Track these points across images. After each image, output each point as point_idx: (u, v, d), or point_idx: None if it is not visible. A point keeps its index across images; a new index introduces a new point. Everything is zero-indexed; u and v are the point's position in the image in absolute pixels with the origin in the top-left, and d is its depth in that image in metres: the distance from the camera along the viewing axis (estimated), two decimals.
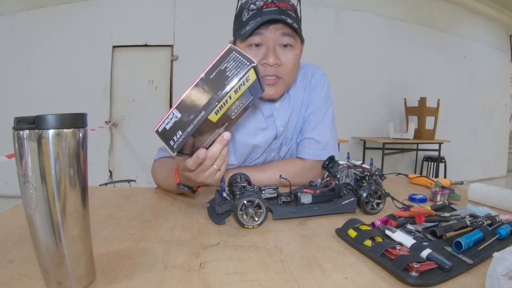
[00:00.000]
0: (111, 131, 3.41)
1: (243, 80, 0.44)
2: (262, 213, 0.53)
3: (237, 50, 0.45)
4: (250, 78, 0.44)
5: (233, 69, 0.44)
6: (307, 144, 0.86)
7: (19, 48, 3.22)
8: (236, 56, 0.44)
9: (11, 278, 0.36)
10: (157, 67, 3.40)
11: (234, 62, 0.44)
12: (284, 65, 0.75)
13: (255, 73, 0.45)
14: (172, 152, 0.46)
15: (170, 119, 0.45)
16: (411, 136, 3.56)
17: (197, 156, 0.50)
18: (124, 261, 0.41)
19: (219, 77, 0.44)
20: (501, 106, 4.98)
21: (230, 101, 0.45)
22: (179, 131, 0.44)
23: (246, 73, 0.43)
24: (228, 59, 0.44)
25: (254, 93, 0.49)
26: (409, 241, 0.42)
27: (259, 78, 0.47)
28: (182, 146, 0.45)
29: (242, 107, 0.49)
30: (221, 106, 0.44)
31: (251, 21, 0.71)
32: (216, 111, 0.44)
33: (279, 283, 0.36)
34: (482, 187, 0.68)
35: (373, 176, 0.65)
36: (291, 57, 0.75)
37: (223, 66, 0.44)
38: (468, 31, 4.52)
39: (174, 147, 0.45)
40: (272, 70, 0.74)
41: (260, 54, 0.73)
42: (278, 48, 0.74)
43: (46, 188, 0.31)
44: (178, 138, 0.45)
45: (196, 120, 0.44)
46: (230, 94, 0.44)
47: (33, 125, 0.30)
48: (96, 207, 0.63)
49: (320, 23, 3.67)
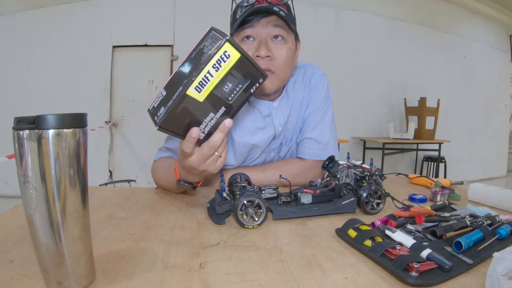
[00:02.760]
0: (111, 131, 3.41)
1: (219, 54, 0.44)
2: (262, 213, 0.53)
3: (217, 30, 0.45)
4: (230, 55, 0.44)
5: (208, 46, 0.44)
6: (307, 144, 0.86)
7: (19, 48, 3.22)
8: (213, 34, 0.45)
9: (11, 278, 0.36)
10: (157, 67, 3.40)
11: (210, 40, 0.45)
12: (277, 59, 0.74)
13: (236, 49, 0.44)
14: (156, 125, 0.47)
15: (158, 98, 0.47)
16: (411, 136, 3.56)
17: (190, 135, 0.49)
18: (124, 261, 0.41)
19: (197, 55, 0.45)
20: (501, 106, 4.98)
21: (213, 79, 0.45)
22: (162, 107, 0.46)
23: (220, 46, 0.43)
24: (206, 37, 0.45)
25: (251, 78, 0.49)
26: (409, 241, 0.42)
27: (250, 61, 0.46)
28: (170, 123, 0.47)
29: (239, 91, 0.49)
30: (200, 82, 0.44)
31: (243, 15, 0.72)
32: (197, 87, 0.44)
33: (279, 283, 0.36)
34: (482, 187, 0.68)
35: (373, 176, 0.65)
36: (284, 51, 0.75)
37: (202, 45, 0.45)
38: (468, 31, 4.52)
39: (157, 121, 0.47)
40: (265, 63, 0.73)
41: (252, 48, 0.73)
42: (270, 41, 0.74)
43: (46, 188, 0.31)
44: (161, 113, 0.46)
45: (175, 95, 0.45)
46: (208, 69, 0.44)
47: (33, 125, 0.30)
48: (96, 207, 0.63)
49: (320, 23, 3.67)
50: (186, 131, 0.50)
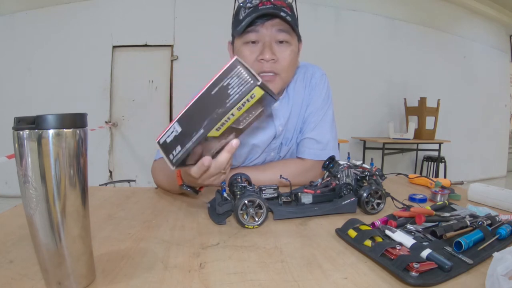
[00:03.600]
0: (111, 131, 3.41)
1: (247, 98, 0.41)
2: (262, 213, 0.53)
3: (242, 65, 0.41)
4: (256, 95, 0.42)
5: (235, 87, 0.41)
6: (307, 144, 0.86)
7: (19, 48, 3.22)
8: (240, 72, 0.41)
9: (11, 278, 0.36)
10: (157, 67, 3.40)
11: (237, 79, 0.41)
12: (281, 61, 0.75)
13: (262, 89, 0.42)
14: (172, 166, 0.45)
15: (171, 132, 0.45)
16: (411, 136, 3.56)
17: (202, 164, 0.49)
18: (124, 261, 0.41)
19: (220, 94, 0.41)
20: (501, 106, 4.98)
21: (233, 117, 0.43)
22: (179, 146, 0.44)
23: (249, 91, 0.41)
24: (232, 74, 0.41)
25: (265, 104, 0.47)
26: (409, 241, 0.42)
27: (268, 92, 0.43)
28: (184, 159, 0.45)
29: (252, 117, 0.47)
30: (222, 123, 0.43)
31: (247, 17, 0.72)
32: (217, 128, 0.43)
33: (279, 283, 0.36)
34: (482, 187, 0.68)
35: (373, 176, 0.65)
36: (288, 53, 0.75)
37: (225, 82, 0.41)
38: (468, 31, 4.52)
39: (173, 162, 0.45)
40: (269, 66, 0.74)
41: (256, 51, 0.74)
42: (274, 44, 0.74)
43: (46, 188, 0.31)
44: (178, 153, 0.44)
45: (195, 138, 0.43)
46: (233, 111, 0.42)
47: (33, 125, 0.30)
48: (96, 207, 0.63)
49: (320, 23, 3.67)
50: (197, 161, 0.49)
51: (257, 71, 0.73)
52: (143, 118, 3.39)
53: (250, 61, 0.74)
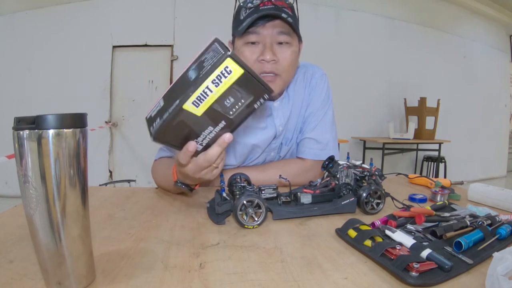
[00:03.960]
0: (111, 131, 3.41)
1: (219, 70, 0.41)
2: (262, 213, 0.53)
3: (220, 43, 0.43)
4: (232, 70, 0.42)
5: (210, 59, 0.42)
6: (307, 144, 0.86)
7: (19, 48, 3.22)
8: (215, 47, 0.43)
9: (11, 278, 0.36)
10: (157, 67, 3.40)
11: (212, 53, 0.43)
12: (281, 62, 0.75)
13: (239, 65, 0.42)
14: (152, 138, 0.46)
15: (156, 108, 0.46)
16: (411, 136, 3.56)
17: (186, 149, 0.49)
18: (124, 261, 0.41)
19: (198, 67, 0.43)
20: (501, 106, 4.98)
21: (213, 94, 0.42)
22: (158, 119, 0.45)
23: (221, 62, 0.41)
24: (209, 50, 0.43)
25: (255, 94, 0.46)
26: (409, 241, 0.42)
27: (254, 77, 0.44)
28: (165, 134, 0.45)
29: (242, 106, 0.47)
30: (198, 97, 0.42)
31: (248, 18, 0.72)
32: (194, 102, 0.42)
33: (279, 283, 0.36)
34: (482, 187, 0.68)
35: (373, 176, 0.65)
36: (289, 54, 0.75)
37: (203, 57, 0.43)
38: (468, 31, 4.52)
39: (152, 133, 0.46)
40: (269, 66, 0.74)
41: (257, 51, 0.74)
42: (275, 45, 0.74)
43: (46, 188, 0.31)
44: (156, 125, 0.45)
45: (171, 108, 0.43)
46: (207, 85, 0.42)
47: (33, 125, 0.30)
48: (96, 207, 0.63)
49: (320, 23, 3.67)
50: (183, 143, 0.49)
51: (258, 72, 0.73)
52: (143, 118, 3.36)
53: (250, 61, 0.74)
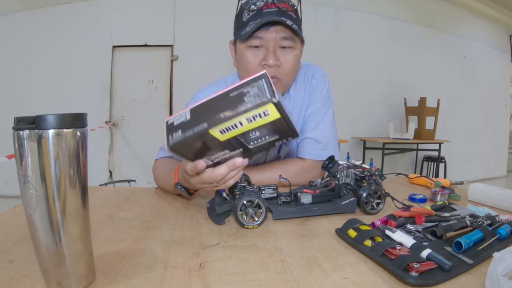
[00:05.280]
0: (111, 131, 3.41)
1: (258, 111, 0.41)
2: (262, 213, 0.53)
3: (267, 81, 0.42)
4: (270, 114, 0.41)
5: (252, 96, 0.41)
6: (307, 144, 0.86)
7: (19, 48, 3.22)
8: (261, 85, 0.41)
9: (11, 278, 0.36)
10: (157, 67, 3.40)
11: (257, 90, 0.41)
12: (283, 66, 0.75)
13: (279, 112, 0.41)
14: (167, 146, 0.45)
15: (180, 117, 0.45)
16: (411, 136, 3.56)
17: (195, 166, 0.48)
18: (124, 261, 0.41)
19: (237, 98, 0.41)
20: (501, 106, 4.98)
21: (242, 128, 0.42)
22: (180, 131, 0.44)
23: (262, 104, 0.40)
24: (254, 84, 0.42)
25: (282, 134, 0.46)
26: (409, 241, 0.42)
27: (287, 122, 0.43)
28: (180, 146, 0.45)
29: (264, 141, 0.46)
30: (227, 127, 0.42)
31: (251, 21, 0.71)
32: (222, 130, 0.42)
33: (279, 283, 0.36)
34: (482, 187, 0.68)
35: (373, 176, 0.65)
36: (291, 58, 0.76)
37: (246, 89, 0.42)
38: (468, 31, 4.52)
39: (169, 143, 0.45)
40: (272, 71, 0.74)
41: (260, 55, 0.74)
42: (277, 49, 0.74)
43: (46, 188, 0.31)
44: (176, 137, 0.44)
45: (197, 128, 0.42)
46: (241, 120, 0.41)
47: (33, 125, 0.30)
48: (96, 207, 0.63)
49: (320, 23, 3.67)
50: (195, 157, 0.48)
51: None
52: (143, 118, 3.39)
53: (253, 65, 0.75)
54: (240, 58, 0.78)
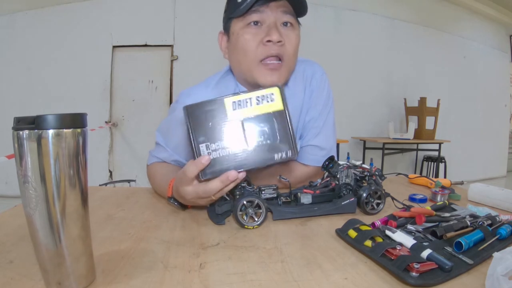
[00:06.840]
0: (111, 131, 3.41)
1: (265, 92, 0.46)
2: (262, 213, 0.53)
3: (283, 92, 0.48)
4: (275, 99, 0.46)
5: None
6: (311, 151, 0.83)
7: (19, 48, 3.22)
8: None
9: (11, 278, 0.36)
10: (157, 67, 3.40)
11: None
12: (287, 45, 0.69)
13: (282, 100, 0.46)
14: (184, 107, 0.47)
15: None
16: (411, 136, 3.56)
17: (199, 160, 0.47)
18: (124, 261, 0.41)
19: None
20: (501, 106, 4.98)
21: (251, 107, 0.46)
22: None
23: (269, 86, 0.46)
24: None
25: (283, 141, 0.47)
26: (409, 241, 0.42)
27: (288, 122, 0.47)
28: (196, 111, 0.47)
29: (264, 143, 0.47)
30: (240, 101, 0.46)
31: None
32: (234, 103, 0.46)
33: (279, 283, 0.36)
34: (482, 187, 0.68)
35: (373, 176, 0.65)
36: (294, 37, 0.70)
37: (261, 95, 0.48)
38: (468, 31, 4.52)
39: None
40: (276, 48, 0.67)
41: (261, 33, 0.67)
42: (280, 26, 0.68)
43: (46, 188, 0.31)
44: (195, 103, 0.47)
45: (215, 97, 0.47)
46: (251, 96, 0.46)
47: (33, 125, 0.30)
48: (96, 207, 0.63)
49: (320, 23, 3.66)
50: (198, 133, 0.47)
51: (262, 55, 0.68)
52: (143, 118, 3.39)
53: (253, 45, 0.67)
54: (236, 42, 0.69)
